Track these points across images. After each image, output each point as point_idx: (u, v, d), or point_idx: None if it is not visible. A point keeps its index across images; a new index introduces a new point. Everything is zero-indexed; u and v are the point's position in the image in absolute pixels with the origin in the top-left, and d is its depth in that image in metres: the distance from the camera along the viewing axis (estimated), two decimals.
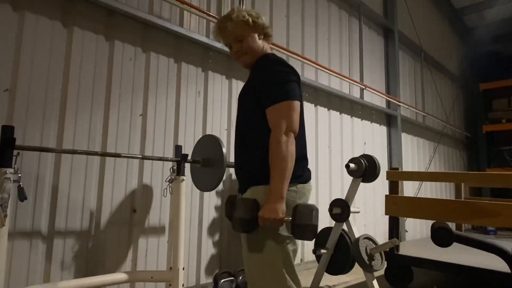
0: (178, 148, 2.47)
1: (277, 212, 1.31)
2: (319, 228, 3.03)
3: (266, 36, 1.62)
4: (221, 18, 1.61)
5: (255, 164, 1.45)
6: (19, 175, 1.69)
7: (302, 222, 1.30)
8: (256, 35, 1.57)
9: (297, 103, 1.42)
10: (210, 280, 2.88)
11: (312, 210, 1.32)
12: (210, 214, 2.99)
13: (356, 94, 4.93)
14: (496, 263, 2.54)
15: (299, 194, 1.45)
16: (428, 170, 6.62)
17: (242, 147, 1.54)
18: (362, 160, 2.73)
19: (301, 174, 1.49)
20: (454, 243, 2.17)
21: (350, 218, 2.73)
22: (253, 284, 1.45)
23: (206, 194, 2.97)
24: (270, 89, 1.43)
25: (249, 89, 1.55)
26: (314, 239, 2.86)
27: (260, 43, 1.58)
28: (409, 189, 5.90)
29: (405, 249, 3.22)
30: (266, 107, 1.43)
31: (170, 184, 2.41)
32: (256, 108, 1.47)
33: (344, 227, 2.79)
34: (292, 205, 1.40)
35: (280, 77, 1.44)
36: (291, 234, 1.35)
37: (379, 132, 5.44)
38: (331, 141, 4.42)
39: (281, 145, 1.35)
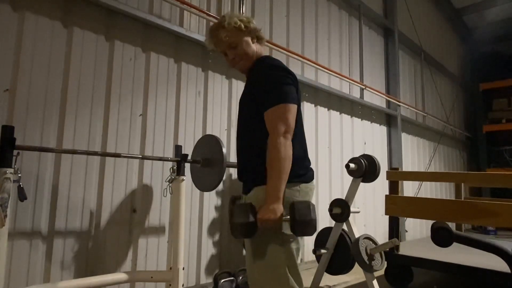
0: (178, 148, 2.47)
1: (276, 212, 1.32)
2: (319, 228, 3.03)
3: (259, 39, 1.62)
4: (213, 27, 1.61)
5: (258, 165, 1.47)
6: (19, 175, 1.69)
7: (301, 218, 1.31)
8: (250, 39, 1.58)
9: (293, 106, 1.43)
10: (210, 280, 2.88)
11: (309, 206, 1.34)
12: (210, 214, 2.99)
13: (356, 94, 4.93)
14: (496, 263, 2.54)
15: (302, 193, 1.46)
16: (428, 170, 6.62)
17: (244, 150, 1.56)
18: (362, 160, 2.73)
19: (304, 173, 1.50)
20: (454, 243, 2.17)
21: (350, 218, 2.73)
22: (254, 284, 1.46)
23: (206, 194, 2.97)
24: (266, 93, 1.44)
25: (248, 93, 1.57)
26: (314, 235, 2.86)
27: (254, 47, 1.59)
28: (409, 189, 5.90)
29: (405, 249, 3.21)
30: (263, 111, 1.44)
31: (170, 184, 2.41)
32: (255, 111, 1.48)
33: (344, 227, 2.79)
34: None
35: (275, 81, 1.45)
36: (292, 232, 1.36)
37: (379, 132, 5.44)
38: (331, 141, 4.41)
39: (278, 148, 1.36)
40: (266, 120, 1.43)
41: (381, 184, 5.06)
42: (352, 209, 2.73)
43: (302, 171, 1.49)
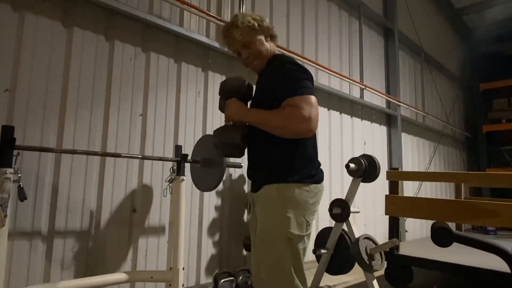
0: (178, 148, 2.47)
1: (236, 113, 1.51)
2: (319, 228, 3.03)
3: (272, 38, 1.63)
4: (226, 26, 1.60)
5: (269, 164, 1.47)
6: (19, 175, 1.69)
7: (226, 139, 1.52)
8: (263, 38, 1.58)
9: (315, 98, 1.41)
10: (210, 280, 2.88)
11: (241, 135, 1.51)
12: (210, 214, 2.99)
13: (356, 94, 4.93)
14: (496, 263, 2.54)
15: (311, 194, 1.46)
16: (428, 170, 6.62)
17: (256, 149, 1.56)
18: (362, 160, 2.73)
19: (315, 173, 1.51)
20: (454, 243, 2.17)
21: (350, 218, 2.73)
22: (260, 282, 1.46)
23: (206, 194, 2.97)
24: (289, 84, 1.43)
25: (261, 90, 1.56)
26: (314, 235, 2.86)
27: (268, 45, 1.59)
28: (409, 189, 5.90)
29: (405, 249, 3.21)
30: (283, 101, 1.40)
31: (170, 184, 2.41)
32: (269, 107, 1.47)
33: (344, 227, 2.79)
34: (305, 204, 1.43)
35: (297, 74, 1.45)
36: (214, 144, 1.55)
37: (379, 132, 5.44)
38: (331, 141, 4.41)
39: (294, 115, 1.36)
40: (287, 105, 1.39)
41: (381, 184, 5.05)
42: (352, 209, 2.73)
43: (313, 171, 1.49)
